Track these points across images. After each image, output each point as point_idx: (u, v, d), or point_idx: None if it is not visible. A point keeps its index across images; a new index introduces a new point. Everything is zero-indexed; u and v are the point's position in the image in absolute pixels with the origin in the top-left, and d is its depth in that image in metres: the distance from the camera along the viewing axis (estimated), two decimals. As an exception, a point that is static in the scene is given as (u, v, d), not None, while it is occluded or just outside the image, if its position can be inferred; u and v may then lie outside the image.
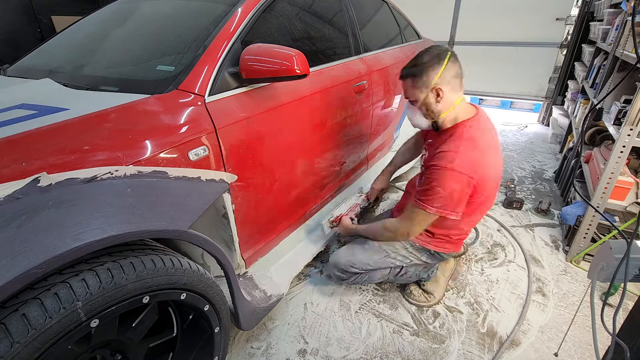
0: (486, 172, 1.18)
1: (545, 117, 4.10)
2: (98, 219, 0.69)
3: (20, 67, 1.44)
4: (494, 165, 1.23)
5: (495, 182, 1.27)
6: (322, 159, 1.62)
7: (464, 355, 1.31)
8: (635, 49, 0.95)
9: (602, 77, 2.13)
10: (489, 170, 1.20)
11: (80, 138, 0.80)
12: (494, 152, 1.24)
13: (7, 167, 0.69)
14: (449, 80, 1.16)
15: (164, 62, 1.15)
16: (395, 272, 1.47)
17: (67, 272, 0.67)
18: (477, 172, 1.15)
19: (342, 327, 1.44)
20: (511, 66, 4.26)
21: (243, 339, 1.39)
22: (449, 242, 1.42)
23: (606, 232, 1.73)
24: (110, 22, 1.55)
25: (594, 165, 1.83)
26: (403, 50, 2.38)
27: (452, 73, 1.16)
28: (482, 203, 1.28)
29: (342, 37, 1.80)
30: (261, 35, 1.31)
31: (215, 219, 1.14)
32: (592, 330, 0.85)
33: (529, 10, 3.91)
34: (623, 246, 0.82)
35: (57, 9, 3.53)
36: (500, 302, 1.54)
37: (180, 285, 0.84)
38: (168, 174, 0.88)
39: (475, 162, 1.15)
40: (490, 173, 1.21)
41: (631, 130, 1.43)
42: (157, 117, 0.94)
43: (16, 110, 0.87)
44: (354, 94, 1.73)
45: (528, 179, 2.71)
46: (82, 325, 0.67)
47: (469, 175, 1.14)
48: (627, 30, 1.82)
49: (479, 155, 1.16)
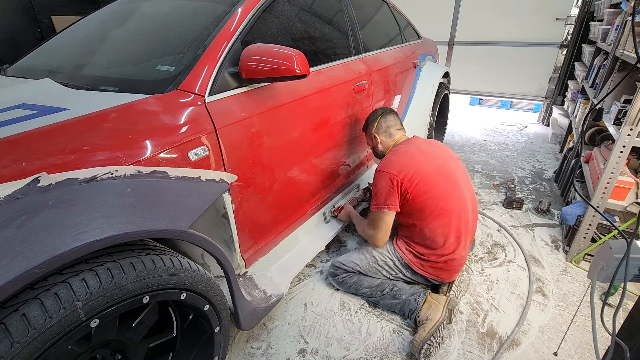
0: (411, 169, 1.40)
1: (545, 117, 4.10)
2: (98, 219, 0.69)
3: (20, 67, 1.44)
4: (422, 165, 1.42)
5: (436, 182, 1.41)
6: (322, 158, 1.62)
7: (464, 355, 1.31)
8: (635, 49, 0.95)
9: (602, 77, 2.13)
10: (414, 167, 1.40)
11: (80, 138, 0.80)
12: (423, 155, 1.46)
13: (7, 167, 0.69)
14: (383, 129, 1.62)
15: (164, 62, 1.15)
16: (382, 287, 1.47)
17: (67, 272, 0.67)
18: (397, 168, 1.41)
19: (342, 327, 1.44)
20: (511, 66, 4.26)
21: (243, 339, 1.39)
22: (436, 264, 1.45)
23: (606, 232, 1.73)
24: (110, 22, 1.55)
25: (594, 165, 1.83)
26: (403, 50, 2.38)
27: (384, 125, 1.62)
28: (430, 203, 1.40)
29: (342, 37, 1.80)
30: (261, 35, 1.31)
31: (215, 219, 1.14)
32: (592, 330, 0.85)
33: (529, 10, 3.91)
34: (623, 246, 0.82)
35: (57, 9, 3.53)
36: (500, 302, 1.54)
37: (180, 285, 0.84)
38: (168, 174, 0.88)
39: (394, 162, 1.44)
40: (418, 169, 1.40)
41: (631, 130, 1.43)
42: (157, 117, 0.94)
43: (16, 110, 0.87)
44: (354, 94, 1.73)
45: (528, 179, 2.71)
46: (82, 325, 0.67)
47: (389, 171, 1.41)
48: (627, 30, 1.82)
49: (398, 157, 1.46)
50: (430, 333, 1.28)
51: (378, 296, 1.48)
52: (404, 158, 1.45)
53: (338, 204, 1.86)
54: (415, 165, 1.41)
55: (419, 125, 2.57)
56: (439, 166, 1.46)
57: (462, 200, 1.46)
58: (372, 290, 1.49)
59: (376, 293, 1.48)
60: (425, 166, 1.42)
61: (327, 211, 1.77)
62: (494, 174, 2.80)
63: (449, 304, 1.40)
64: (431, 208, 1.40)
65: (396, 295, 1.45)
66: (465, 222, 1.45)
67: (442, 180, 1.43)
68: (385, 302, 1.47)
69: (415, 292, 1.45)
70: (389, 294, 1.46)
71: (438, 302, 1.39)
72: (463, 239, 1.45)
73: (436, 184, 1.41)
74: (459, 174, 1.50)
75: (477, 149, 3.34)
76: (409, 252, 1.48)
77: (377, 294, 1.48)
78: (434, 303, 1.39)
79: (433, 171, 1.43)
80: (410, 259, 1.47)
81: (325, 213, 1.76)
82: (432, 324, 1.31)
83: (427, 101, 2.57)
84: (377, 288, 1.48)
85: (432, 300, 1.40)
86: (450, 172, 1.47)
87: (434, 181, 1.41)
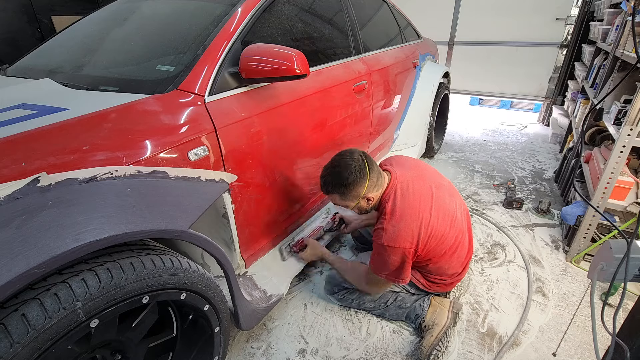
0: (419, 228, 1.21)
1: (545, 117, 4.10)
2: (98, 219, 0.69)
3: (20, 67, 1.44)
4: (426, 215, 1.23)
5: (442, 220, 1.27)
6: (322, 158, 1.62)
7: (464, 355, 1.31)
8: (635, 48, 0.95)
9: (602, 77, 2.13)
10: (420, 223, 1.22)
11: (80, 138, 0.80)
12: (422, 201, 1.25)
13: (7, 167, 0.69)
14: (375, 184, 1.27)
15: (164, 62, 1.15)
16: (385, 299, 1.43)
17: (66, 272, 0.67)
18: (408, 239, 1.20)
19: (342, 327, 1.44)
20: (511, 66, 4.26)
21: (243, 339, 1.39)
22: (444, 284, 1.42)
23: (606, 232, 1.73)
24: (110, 22, 1.55)
25: (594, 165, 1.83)
26: (403, 50, 2.38)
27: (374, 178, 1.26)
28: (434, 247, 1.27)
29: (342, 37, 1.80)
30: (261, 35, 1.31)
31: (215, 219, 1.14)
32: (592, 330, 0.85)
33: (529, 10, 3.91)
34: (623, 246, 0.82)
35: (57, 9, 3.52)
36: (500, 302, 1.54)
37: (180, 285, 0.84)
38: (168, 174, 0.88)
39: (401, 230, 1.20)
40: (425, 223, 1.22)
41: (631, 130, 1.43)
42: (157, 117, 0.94)
43: (16, 110, 0.87)
44: (354, 94, 1.73)
45: (528, 179, 2.71)
46: (81, 326, 0.67)
47: (400, 246, 1.20)
48: (627, 30, 1.81)
49: (402, 224, 1.21)
50: (438, 338, 1.27)
51: (382, 308, 1.44)
52: (408, 218, 1.22)
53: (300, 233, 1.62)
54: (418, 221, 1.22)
55: (419, 125, 2.57)
56: (439, 206, 1.28)
57: (461, 231, 1.37)
58: (375, 303, 1.45)
59: (380, 305, 1.44)
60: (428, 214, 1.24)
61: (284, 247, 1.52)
62: (494, 174, 2.80)
63: (454, 307, 1.39)
64: (436, 250, 1.29)
65: (401, 304, 1.42)
66: (466, 248, 1.41)
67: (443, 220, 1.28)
68: (390, 312, 1.44)
69: (419, 297, 1.43)
70: (393, 305, 1.42)
71: (443, 306, 1.38)
72: (466, 261, 1.43)
73: (444, 230, 1.27)
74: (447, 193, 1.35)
75: (477, 149, 3.34)
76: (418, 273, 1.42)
77: (381, 306, 1.44)
78: (439, 307, 1.38)
79: (438, 216, 1.26)
80: (417, 278, 1.42)
81: (281, 249, 1.51)
82: (439, 329, 1.30)
83: (427, 101, 2.57)
84: (381, 300, 1.44)
85: (437, 303, 1.40)
86: (447, 207, 1.31)
87: (443, 228, 1.27)
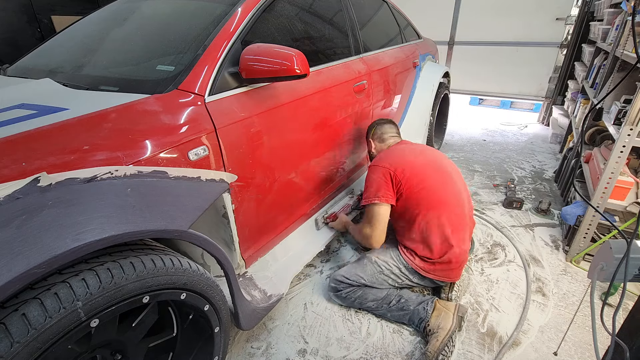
0: (402, 162, 1.46)
1: (545, 117, 4.10)
2: (98, 218, 0.69)
3: (20, 67, 1.44)
4: (412, 159, 1.49)
5: (429, 174, 1.45)
6: (322, 158, 1.62)
7: (464, 355, 1.31)
8: (635, 48, 0.95)
9: (602, 77, 2.13)
10: (406, 161, 1.47)
11: (80, 138, 0.80)
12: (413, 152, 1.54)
13: (7, 167, 0.69)
14: (379, 137, 1.72)
15: (164, 62, 1.15)
16: (388, 299, 1.43)
17: (67, 272, 0.67)
18: (388, 161, 1.46)
19: (342, 327, 1.44)
20: (511, 66, 4.26)
21: (243, 338, 1.39)
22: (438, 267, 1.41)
23: (606, 232, 1.73)
24: (110, 22, 1.55)
25: (594, 165, 1.83)
26: (403, 50, 2.38)
27: (379, 131, 1.72)
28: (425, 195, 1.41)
29: (342, 37, 1.80)
30: (261, 35, 1.31)
31: (215, 219, 1.14)
32: (592, 330, 0.85)
33: (529, 10, 3.91)
34: (623, 246, 0.82)
35: (57, 9, 3.52)
36: (500, 302, 1.54)
37: (180, 285, 0.84)
38: (168, 174, 0.88)
39: (385, 157, 1.51)
40: (410, 163, 1.46)
41: (631, 130, 1.43)
42: (157, 117, 0.94)
43: (16, 110, 0.87)
44: (354, 94, 1.73)
45: (528, 178, 2.71)
46: (82, 325, 0.67)
47: (381, 165, 1.47)
48: (627, 30, 1.81)
49: (389, 153, 1.55)
50: (444, 343, 1.25)
51: (385, 309, 1.43)
52: (394, 154, 1.53)
53: (332, 208, 1.82)
54: (406, 160, 1.47)
55: (419, 125, 2.57)
56: (430, 161, 1.51)
57: (457, 193, 1.47)
58: (377, 303, 1.44)
59: (382, 306, 1.43)
60: (415, 160, 1.48)
61: (319, 217, 1.73)
62: (494, 174, 2.80)
63: (459, 311, 1.37)
64: (427, 200, 1.41)
65: (403, 307, 1.41)
66: (461, 215, 1.44)
67: (434, 172, 1.47)
68: (392, 314, 1.43)
69: (423, 300, 1.42)
70: (395, 306, 1.42)
71: (447, 310, 1.37)
72: (462, 232, 1.43)
73: (429, 175, 1.45)
74: (452, 169, 1.53)
75: (477, 149, 3.34)
76: (416, 256, 1.44)
77: (383, 306, 1.43)
78: (443, 310, 1.36)
79: (424, 164, 1.48)
80: (417, 264, 1.43)
81: (317, 219, 1.72)
82: (444, 333, 1.28)
83: (427, 101, 2.57)
84: (384, 300, 1.43)
85: (441, 307, 1.38)
86: (442, 166, 1.51)
87: (426, 173, 1.45)
